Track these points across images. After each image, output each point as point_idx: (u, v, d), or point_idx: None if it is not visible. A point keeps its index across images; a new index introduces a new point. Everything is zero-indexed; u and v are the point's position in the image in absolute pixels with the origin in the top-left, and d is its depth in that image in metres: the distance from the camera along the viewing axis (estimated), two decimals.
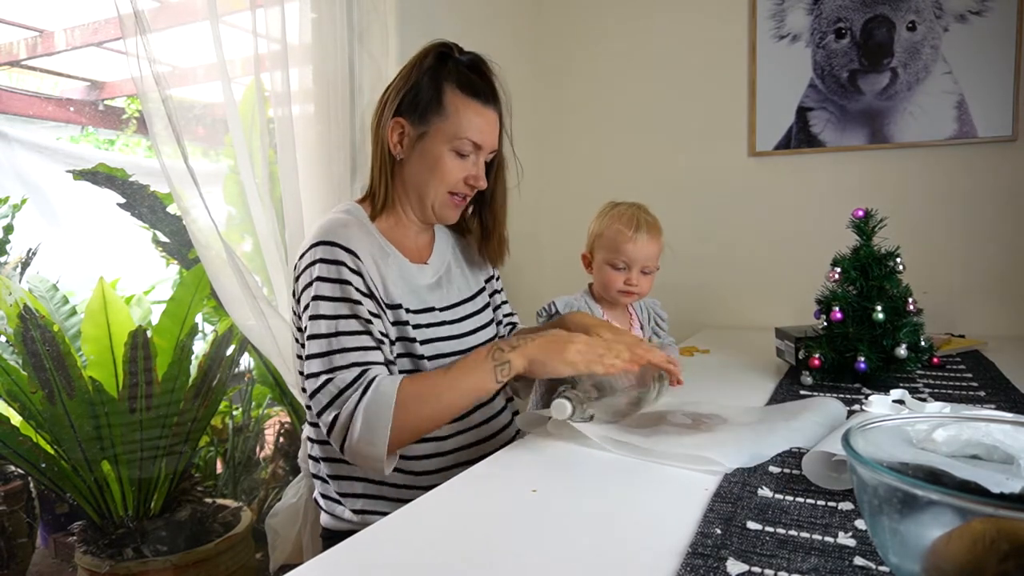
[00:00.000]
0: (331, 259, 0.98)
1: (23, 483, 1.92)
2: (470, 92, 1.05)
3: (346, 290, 0.97)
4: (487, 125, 1.07)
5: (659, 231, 1.41)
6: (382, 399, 0.91)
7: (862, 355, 1.18)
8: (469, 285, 1.19)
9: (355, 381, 0.93)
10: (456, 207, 1.11)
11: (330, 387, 0.93)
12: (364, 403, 0.91)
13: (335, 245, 0.99)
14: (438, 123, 1.04)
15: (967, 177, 1.89)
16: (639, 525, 0.66)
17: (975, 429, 0.55)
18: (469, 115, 1.04)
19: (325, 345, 0.95)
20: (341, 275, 0.98)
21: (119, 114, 3.07)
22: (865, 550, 0.58)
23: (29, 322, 1.51)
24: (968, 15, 1.85)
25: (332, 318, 0.96)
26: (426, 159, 1.06)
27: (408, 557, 0.62)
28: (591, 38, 2.27)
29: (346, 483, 1.06)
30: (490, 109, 1.08)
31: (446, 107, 1.04)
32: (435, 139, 1.05)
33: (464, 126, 1.04)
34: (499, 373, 0.94)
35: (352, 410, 0.91)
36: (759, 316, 2.05)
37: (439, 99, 1.04)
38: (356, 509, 1.05)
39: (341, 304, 0.97)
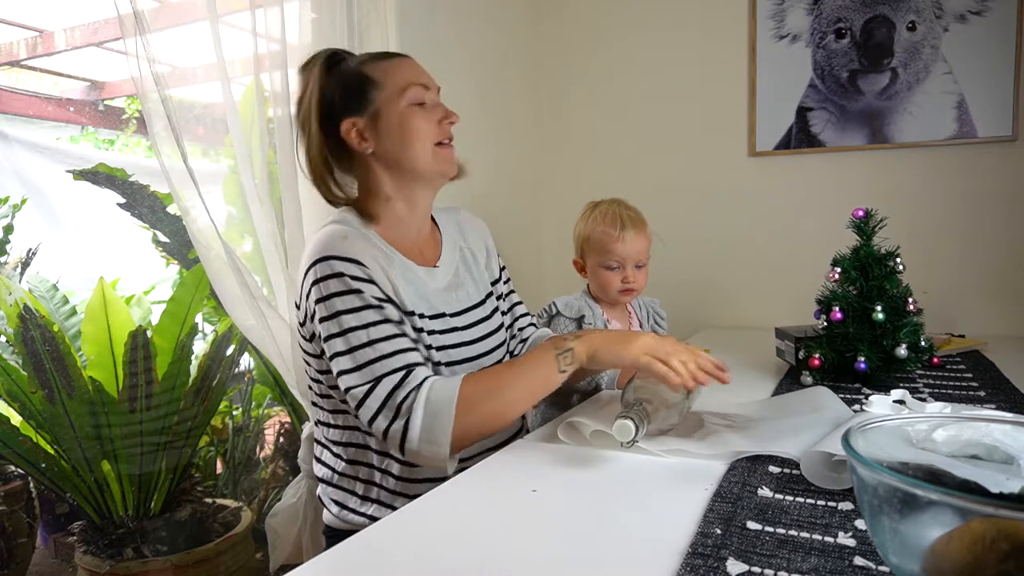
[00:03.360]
0: (338, 272, 0.95)
1: (23, 483, 1.92)
2: (383, 57, 1.06)
3: (365, 298, 0.94)
4: (417, 68, 1.06)
5: (644, 223, 1.41)
6: (443, 397, 0.89)
7: (862, 355, 1.18)
8: (478, 290, 1.15)
9: (402, 382, 0.91)
10: (449, 156, 1.07)
11: (377, 392, 0.91)
12: (421, 402, 0.89)
13: (338, 259, 0.96)
14: (380, 94, 1.02)
15: (967, 177, 1.89)
16: (639, 525, 0.66)
17: (975, 429, 0.55)
18: (398, 70, 1.03)
19: (361, 357, 0.92)
20: (353, 286, 0.95)
21: (119, 114, 3.07)
22: (865, 550, 0.58)
23: (29, 322, 1.51)
24: (968, 15, 1.84)
25: (362, 327, 0.93)
26: (394, 129, 1.02)
27: (408, 557, 0.62)
28: (590, 38, 2.27)
29: (361, 485, 1.05)
30: (406, 58, 1.07)
31: (376, 79, 1.03)
32: (389, 107, 1.02)
33: (402, 77, 1.03)
34: (562, 362, 0.93)
35: (408, 411, 0.89)
36: (759, 316, 2.05)
37: (363, 78, 1.03)
38: (367, 514, 1.04)
39: (367, 312, 0.94)
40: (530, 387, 0.94)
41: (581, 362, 0.95)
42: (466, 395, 0.90)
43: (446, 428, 0.88)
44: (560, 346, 0.95)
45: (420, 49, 1.66)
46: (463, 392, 0.90)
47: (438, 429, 0.88)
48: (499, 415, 0.93)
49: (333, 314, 0.94)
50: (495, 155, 2.10)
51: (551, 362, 0.94)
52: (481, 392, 0.91)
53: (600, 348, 0.95)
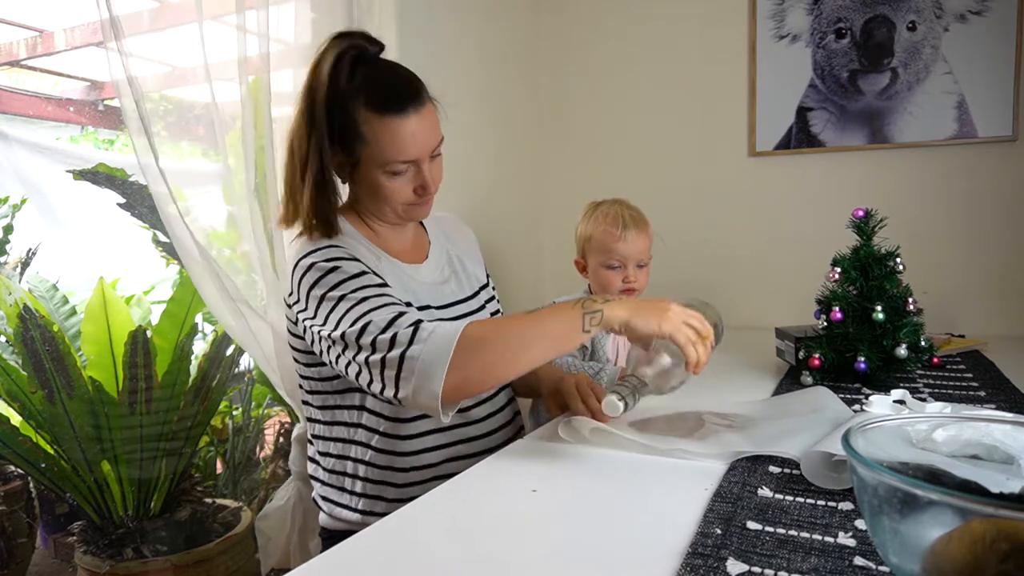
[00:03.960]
0: (314, 262, 0.95)
1: (23, 483, 1.92)
2: (383, 107, 0.96)
3: (344, 271, 0.93)
4: (413, 135, 0.97)
5: (645, 223, 1.41)
6: (442, 337, 0.83)
7: (862, 355, 1.18)
8: (464, 288, 1.16)
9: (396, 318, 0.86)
10: (420, 212, 1.06)
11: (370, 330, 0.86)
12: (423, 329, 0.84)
13: (316, 251, 0.97)
14: (364, 151, 0.98)
15: (967, 177, 1.89)
16: (639, 525, 0.66)
17: (975, 429, 0.55)
18: (389, 136, 0.96)
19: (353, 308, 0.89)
20: (331, 265, 0.94)
21: (119, 114, 3.06)
22: (865, 550, 0.57)
23: (29, 322, 1.51)
24: (968, 15, 1.84)
25: (351, 292, 0.91)
26: (367, 186, 1.02)
27: (407, 557, 0.62)
28: (590, 38, 2.27)
29: (348, 480, 1.06)
30: (411, 116, 0.97)
31: (364, 134, 0.97)
32: (367, 167, 0.99)
33: (388, 150, 0.97)
34: (588, 321, 0.85)
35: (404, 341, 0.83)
36: (759, 316, 2.05)
37: (354, 126, 0.97)
38: (357, 508, 1.05)
39: (352, 280, 0.93)
40: (545, 337, 0.87)
41: (609, 326, 0.87)
42: (470, 333, 0.83)
43: (443, 363, 0.81)
44: (588, 306, 0.87)
45: (419, 49, 1.66)
46: (467, 330, 0.83)
47: (435, 362, 0.81)
48: (504, 359, 0.85)
49: (322, 296, 0.93)
50: (495, 155, 2.10)
51: (575, 318, 0.86)
52: (488, 333, 0.85)
53: (634, 316, 0.86)
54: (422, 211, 1.07)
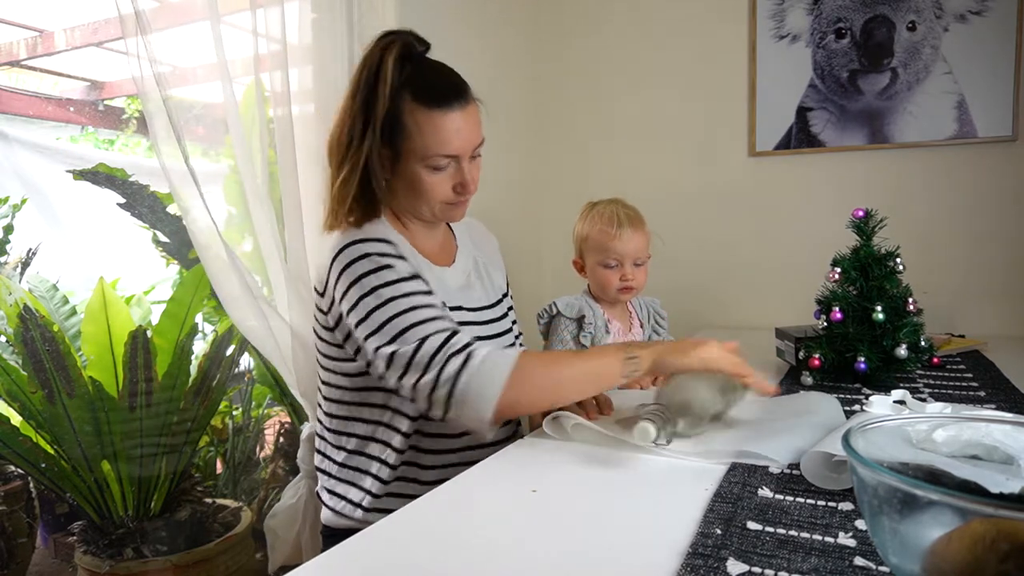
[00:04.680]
0: (367, 253, 0.96)
1: (23, 483, 1.92)
2: (429, 101, 0.98)
3: (398, 271, 0.95)
4: (457, 131, 0.99)
5: (642, 221, 1.41)
6: (501, 360, 0.88)
7: (862, 355, 1.18)
8: (489, 295, 1.18)
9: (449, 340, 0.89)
10: (457, 211, 1.08)
11: (425, 349, 0.89)
12: (478, 359, 0.87)
13: (365, 241, 0.97)
14: (406, 144, 0.99)
15: (967, 177, 1.89)
16: (639, 525, 0.66)
17: (975, 429, 0.55)
18: (433, 130, 0.98)
19: (403, 322, 0.91)
20: (383, 262, 0.95)
21: (119, 114, 3.07)
22: (865, 550, 0.58)
23: (29, 322, 1.51)
24: (968, 15, 1.84)
25: (402, 296, 0.93)
26: (407, 181, 1.03)
27: (407, 557, 0.62)
28: (590, 39, 2.27)
29: (360, 476, 1.06)
30: (455, 111, 0.99)
31: (408, 127, 0.98)
32: (408, 161, 1.00)
33: (431, 144, 0.98)
34: (628, 366, 0.92)
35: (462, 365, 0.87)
36: (759, 316, 2.05)
37: (400, 119, 0.98)
38: (363, 505, 1.05)
39: (402, 284, 0.94)
40: (589, 376, 0.93)
41: (646, 369, 0.93)
42: (524, 364, 0.89)
43: (497, 387, 0.86)
44: (629, 352, 0.93)
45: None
46: (522, 360, 0.89)
47: (490, 387, 0.86)
48: (552, 392, 0.92)
49: (369, 291, 0.93)
50: (495, 155, 2.08)
51: (617, 362, 0.92)
52: (537, 368, 0.91)
53: (664, 356, 0.94)
54: (458, 212, 1.08)
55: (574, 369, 0.94)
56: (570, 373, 0.93)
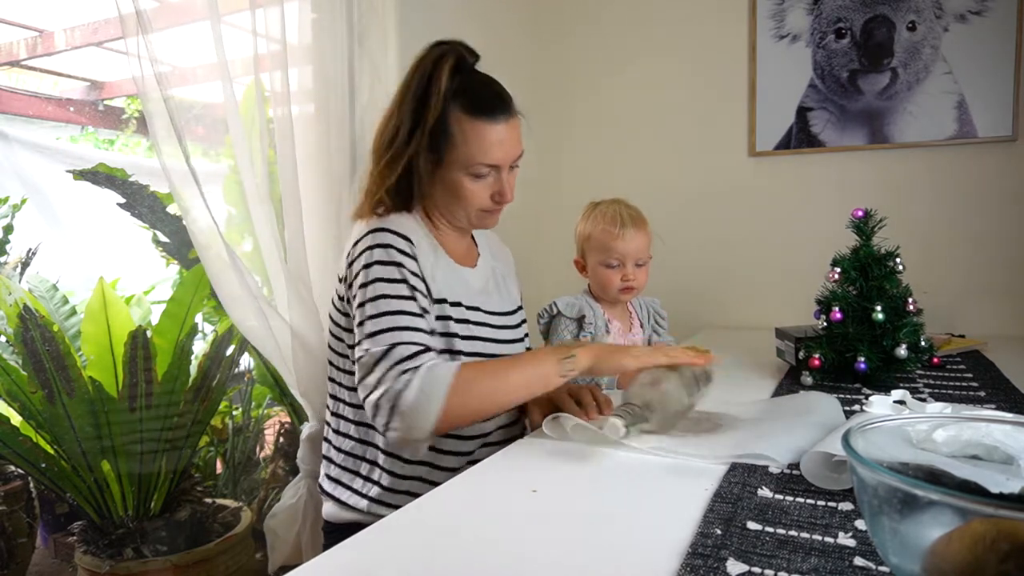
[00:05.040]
0: (388, 244, 1.00)
1: (23, 483, 1.92)
2: (477, 112, 1.02)
3: (403, 272, 0.99)
4: (501, 143, 1.03)
5: (644, 222, 1.41)
6: (442, 372, 0.91)
7: (862, 355, 1.18)
8: (504, 303, 1.20)
9: (414, 356, 0.93)
10: (492, 219, 1.11)
11: (387, 359, 0.92)
12: (421, 373, 0.91)
13: (392, 232, 1.01)
14: (451, 152, 1.03)
15: (967, 177, 1.89)
16: (639, 525, 0.66)
17: (975, 429, 0.55)
18: (479, 140, 1.02)
19: (386, 323, 0.95)
20: (396, 259, 0.99)
21: (119, 114, 3.07)
22: (865, 550, 0.58)
23: (29, 322, 1.51)
24: (968, 15, 1.84)
25: (394, 298, 0.97)
26: (447, 186, 1.06)
27: (408, 557, 0.62)
28: (591, 39, 2.27)
29: (365, 465, 1.07)
30: (500, 123, 1.03)
31: (455, 135, 1.02)
32: (450, 168, 1.04)
33: (475, 153, 1.02)
34: (564, 367, 0.96)
35: (406, 383, 0.90)
36: (759, 316, 2.05)
37: (447, 127, 1.02)
38: (367, 495, 1.06)
39: (401, 286, 0.98)
40: (527, 381, 0.97)
41: (582, 369, 0.98)
42: (463, 376, 0.92)
43: (438, 401, 0.89)
44: (564, 353, 0.97)
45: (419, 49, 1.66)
46: (461, 373, 0.92)
47: (431, 400, 0.89)
48: (492, 401, 0.96)
49: (371, 280, 0.98)
50: None
51: (553, 364, 0.96)
52: (479, 376, 0.94)
53: (600, 355, 0.98)
54: (492, 220, 1.12)
55: (513, 375, 0.96)
56: (510, 379, 0.96)
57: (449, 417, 0.91)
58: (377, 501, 1.05)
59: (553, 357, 0.97)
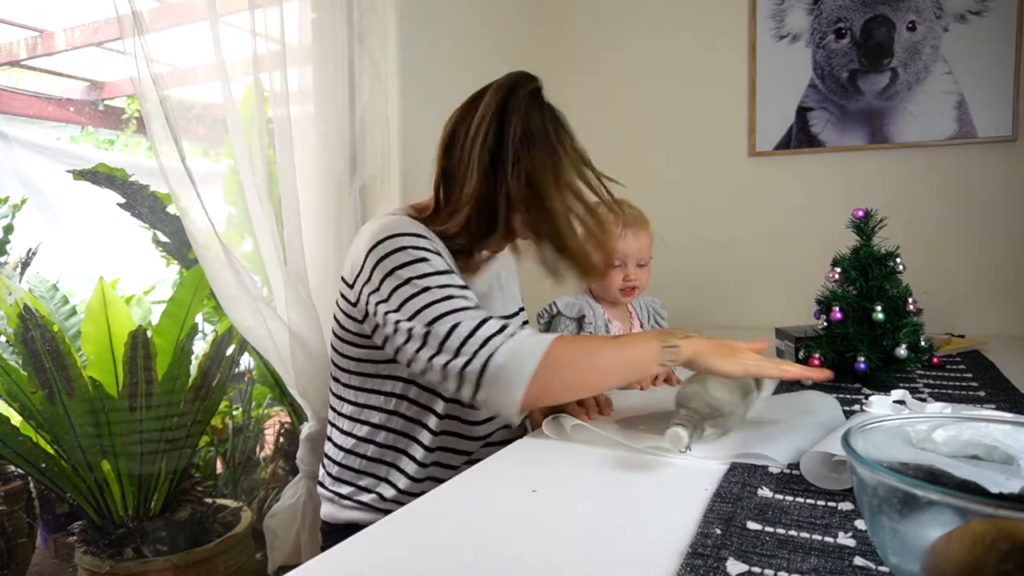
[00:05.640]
0: (404, 247, 0.95)
1: (23, 483, 1.92)
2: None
3: (434, 264, 0.94)
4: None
5: (645, 222, 1.42)
6: (532, 343, 0.86)
7: (862, 355, 1.18)
8: (506, 306, 1.20)
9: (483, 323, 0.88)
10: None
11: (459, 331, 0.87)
12: (510, 344, 0.86)
13: (404, 235, 0.97)
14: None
15: (967, 177, 1.89)
16: (639, 525, 0.66)
17: (975, 429, 0.55)
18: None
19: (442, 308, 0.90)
20: (419, 255, 0.95)
21: (119, 114, 3.07)
22: (865, 550, 0.57)
23: (29, 322, 1.51)
24: (968, 15, 1.84)
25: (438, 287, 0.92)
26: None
27: (407, 557, 0.62)
28: (590, 38, 2.27)
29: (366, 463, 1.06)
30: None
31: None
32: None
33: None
34: (666, 354, 0.90)
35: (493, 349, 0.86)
36: (759, 316, 2.05)
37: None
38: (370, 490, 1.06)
39: (438, 276, 0.93)
40: (624, 361, 0.91)
41: (685, 359, 0.91)
42: (556, 349, 0.87)
43: (527, 374, 0.84)
44: (667, 340, 0.91)
45: (419, 50, 1.66)
46: (554, 346, 0.87)
47: (519, 372, 0.84)
48: (584, 379, 0.90)
49: (403, 282, 0.93)
50: None
51: (654, 350, 0.90)
52: (572, 349, 0.88)
53: (704, 351, 0.91)
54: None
55: (609, 355, 0.91)
56: (604, 359, 0.90)
57: (538, 387, 0.85)
58: (390, 500, 1.05)
59: (656, 342, 0.90)
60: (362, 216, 1.54)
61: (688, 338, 0.92)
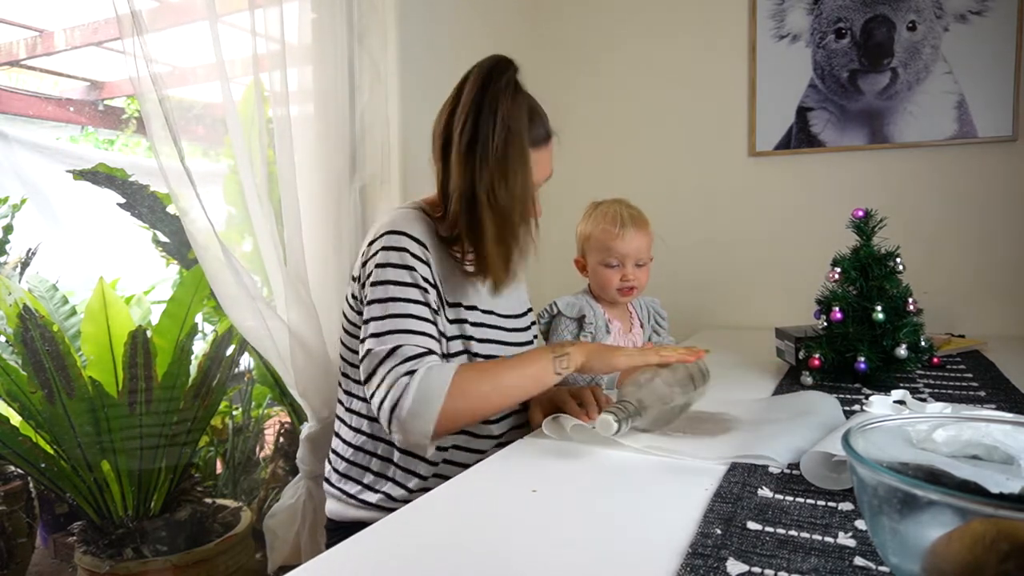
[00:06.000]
0: (399, 247, 1.00)
1: (23, 483, 1.92)
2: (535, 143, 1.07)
3: (415, 276, 1.00)
4: (544, 164, 1.10)
5: (645, 222, 1.42)
6: (439, 376, 0.92)
7: (862, 355, 1.18)
8: (514, 306, 1.21)
9: (417, 358, 0.94)
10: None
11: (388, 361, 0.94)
12: (418, 377, 0.91)
13: (403, 234, 1.02)
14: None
15: (967, 177, 1.89)
16: (639, 525, 0.66)
17: (975, 429, 0.55)
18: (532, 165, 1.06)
19: (390, 325, 0.96)
20: (409, 263, 1.00)
21: (119, 114, 3.07)
22: (865, 550, 0.57)
23: (29, 322, 1.51)
24: (968, 15, 1.84)
25: (403, 301, 0.98)
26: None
27: (407, 557, 0.62)
28: (591, 39, 2.27)
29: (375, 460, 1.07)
30: (542, 147, 1.10)
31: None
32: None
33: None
34: (558, 364, 0.97)
35: (404, 386, 0.91)
36: (759, 316, 2.05)
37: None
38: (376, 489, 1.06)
39: (412, 290, 0.99)
40: (523, 382, 0.98)
41: (576, 366, 0.99)
42: (461, 379, 0.93)
43: (436, 405, 0.90)
44: (558, 351, 0.99)
45: (419, 50, 1.66)
46: (458, 376, 0.93)
47: (429, 404, 0.90)
48: (489, 403, 0.96)
49: (382, 281, 0.99)
50: None
51: (548, 363, 0.97)
52: (475, 378, 0.95)
53: (594, 355, 1.00)
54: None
55: (511, 374, 0.97)
56: (506, 379, 0.97)
57: (447, 420, 0.91)
58: (398, 499, 1.05)
59: (547, 356, 0.98)
60: (362, 216, 1.54)
61: (575, 345, 1.00)
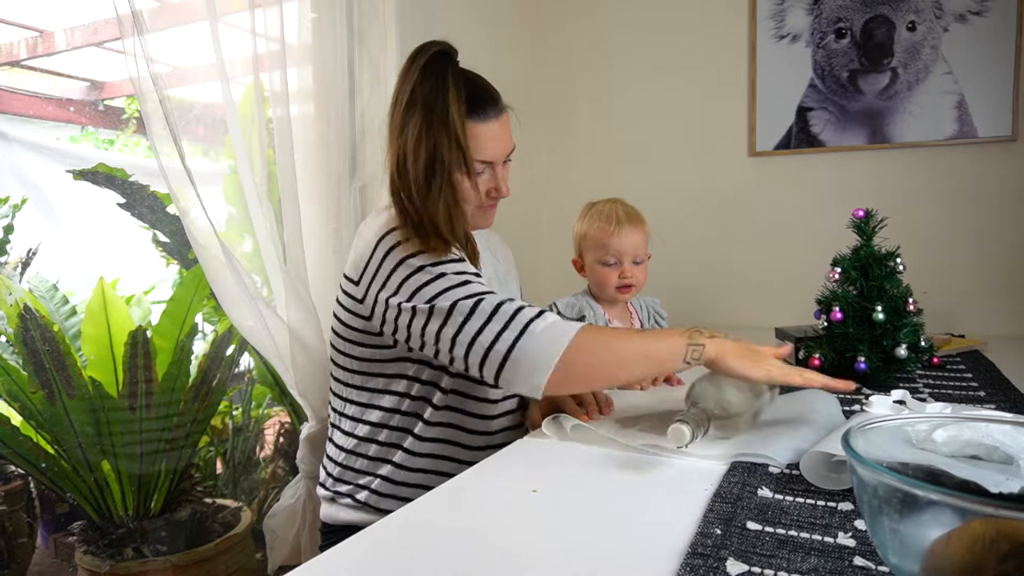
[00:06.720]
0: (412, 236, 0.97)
1: (23, 483, 1.92)
2: (472, 112, 1.02)
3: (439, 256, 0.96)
4: (494, 139, 1.04)
5: (641, 220, 1.41)
6: (562, 329, 0.87)
7: (862, 355, 1.18)
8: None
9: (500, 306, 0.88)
10: (488, 212, 1.11)
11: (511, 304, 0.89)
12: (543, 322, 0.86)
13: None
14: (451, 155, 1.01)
15: (967, 177, 1.89)
16: (639, 525, 0.66)
17: (975, 429, 0.55)
18: (474, 139, 1.02)
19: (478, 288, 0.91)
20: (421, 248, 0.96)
21: (119, 114, 3.07)
22: (865, 550, 0.57)
23: (29, 322, 1.51)
24: (968, 15, 1.84)
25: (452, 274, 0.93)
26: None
27: (407, 557, 0.62)
28: (591, 39, 2.27)
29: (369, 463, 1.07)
30: (492, 120, 1.04)
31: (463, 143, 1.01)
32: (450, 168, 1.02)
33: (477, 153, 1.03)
34: (691, 352, 0.88)
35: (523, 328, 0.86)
36: (759, 316, 2.05)
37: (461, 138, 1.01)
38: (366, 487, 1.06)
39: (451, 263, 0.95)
40: (648, 356, 0.90)
41: (708, 359, 0.90)
42: (583, 339, 0.87)
43: (552, 359, 0.85)
44: (694, 338, 0.89)
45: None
46: (580, 336, 0.87)
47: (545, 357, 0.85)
48: (607, 369, 0.89)
49: (416, 269, 0.94)
50: None
51: (679, 346, 0.89)
52: (599, 340, 0.88)
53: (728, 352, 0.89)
54: (488, 217, 1.11)
55: (634, 347, 0.90)
56: (629, 350, 0.89)
57: (560, 377, 0.85)
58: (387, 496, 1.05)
59: (681, 341, 0.89)
60: (362, 216, 1.54)
61: (714, 338, 0.90)
